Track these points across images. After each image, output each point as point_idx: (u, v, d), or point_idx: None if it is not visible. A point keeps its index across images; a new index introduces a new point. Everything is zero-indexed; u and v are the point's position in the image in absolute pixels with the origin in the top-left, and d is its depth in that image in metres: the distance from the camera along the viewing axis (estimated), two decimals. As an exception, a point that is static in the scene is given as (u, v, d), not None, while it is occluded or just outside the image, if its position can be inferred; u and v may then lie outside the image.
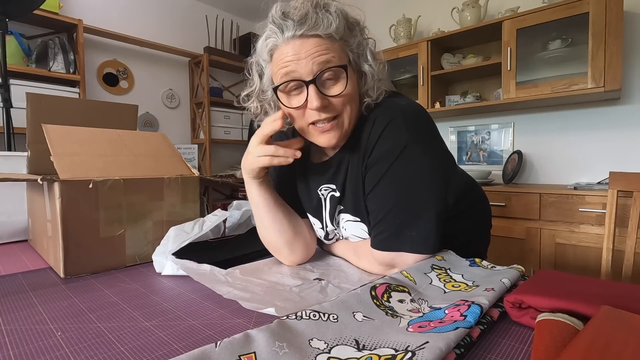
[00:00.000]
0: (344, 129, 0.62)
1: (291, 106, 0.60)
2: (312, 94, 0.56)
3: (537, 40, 2.08)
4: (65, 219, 0.66)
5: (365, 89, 0.63)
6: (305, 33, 0.56)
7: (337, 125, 0.61)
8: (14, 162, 1.06)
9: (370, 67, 0.62)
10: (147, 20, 3.06)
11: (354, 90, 0.61)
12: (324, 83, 0.58)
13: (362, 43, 0.62)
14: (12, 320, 0.48)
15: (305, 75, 0.56)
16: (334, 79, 0.58)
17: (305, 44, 0.56)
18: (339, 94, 0.58)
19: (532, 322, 0.41)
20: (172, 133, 3.22)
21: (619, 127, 2.02)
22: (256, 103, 0.67)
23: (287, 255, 0.70)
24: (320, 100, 0.57)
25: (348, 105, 0.60)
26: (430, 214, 0.59)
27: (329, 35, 0.56)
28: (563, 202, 1.75)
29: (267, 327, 0.35)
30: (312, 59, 0.56)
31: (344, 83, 0.58)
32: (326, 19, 0.56)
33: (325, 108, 0.58)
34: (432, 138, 0.64)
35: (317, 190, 0.71)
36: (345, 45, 0.60)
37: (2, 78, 1.65)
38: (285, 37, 0.57)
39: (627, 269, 1.09)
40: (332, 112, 0.59)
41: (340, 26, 0.57)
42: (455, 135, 2.64)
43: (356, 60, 0.62)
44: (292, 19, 0.56)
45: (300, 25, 0.55)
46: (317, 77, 0.56)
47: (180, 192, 0.83)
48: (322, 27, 0.56)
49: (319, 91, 0.57)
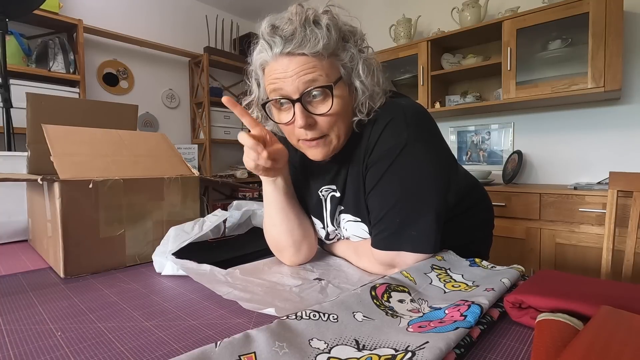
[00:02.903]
0: (332, 146, 0.61)
1: (281, 122, 0.61)
2: (297, 113, 0.56)
3: (537, 40, 2.08)
4: (65, 219, 0.66)
5: (356, 105, 0.62)
6: (292, 51, 0.55)
7: (324, 144, 0.60)
8: (14, 162, 1.06)
9: (361, 83, 0.60)
10: (147, 20, 3.06)
11: (342, 108, 0.59)
12: (310, 101, 0.57)
13: (354, 57, 0.59)
14: (12, 320, 0.48)
15: (292, 93, 0.56)
16: (322, 97, 0.57)
17: (292, 61, 0.55)
18: (325, 113, 0.57)
19: (532, 322, 0.41)
20: (172, 133, 3.22)
21: (619, 127, 2.02)
22: (257, 112, 0.67)
23: (290, 255, 0.70)
24: (304, 119, 0.57)
25: (335, 124, 0.59)
26: (430, 213, 0.59)
27: (316, 53, 0.55)
28: (563, 202, 1.75)
29: (267, 327, 0.35)
30: (297, 77, 0.55)
31: (330, 102, 0.57)
32: (314, 37, 0.54)
33: (310, 127, 0.58)
34: (433, 137, 0.64)
35: (318, 191, 0.71)
36: (337, 60, 0.58)
37: (2, 78, 1.64)
38: (274, 54, 0.56)
39: (627, 269, 1.09)
40: (318, 132, 0.59)
41: (330, 42, 0.56)
42: (455, 135, 2.64)
43: (349, 74, 0.60)
44: (279, 35, 0.55)
45: (287, 42, 0.55)
46: (303, 96, 0.56)
47: (180, 192, 0.83)
48: (308, 46, 0.54)
49: (305, 109, 0.57)
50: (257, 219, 0.90)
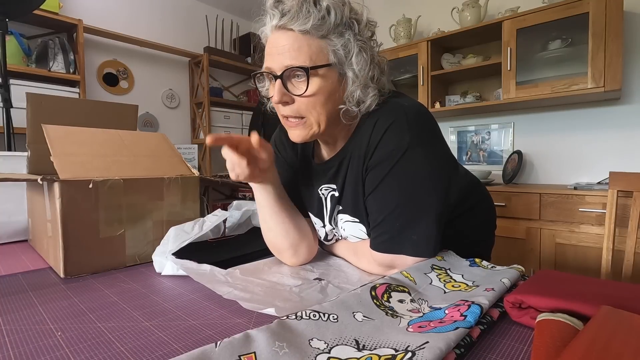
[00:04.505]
0: (312, 131, 0.61)
1: (267, 95, 0.63)
2: (276, 88, 0.58)
3: (537, 40, 2.08)
4: (65, 219, 0.66)
5: (346, 95, 0.60)
6: (283, 25, 0.56)
7: (304, 126, 0.61)
8: (14, 162, 1.06)
9: (353, 72, 0.58)
10: (147, 20, 3.06)
11: (323, 94, 0.58)
12: (291, 80, 0.58)
13: (349, 45, 0.57)
14: (12, 320, 0.48)
15: (276, 69, 0.57)
16: (304, 79, 0.56)
17: (282, 37, 0.56)
18: (301, 94, 0.57)
19: (532, 322, 0.41)
20: (172, 133, 3.22)
21: (619, 127, 2.02)
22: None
23: (289, 257, 0.70)
24: (280, 95, 0.57)
25: (314, 109, 0.58)
26: (430, 217, 0.58)
27: (304, 32, 0.55)
28: (563, 202, 1.75)
29: (267, 327, 0.35)
30: (281, 55, 0.56)
31: (305, 84, 0.56)
32: (306, 14, 0.54)
33: (286, 104, 0.59)
34: (435, 139, 0.63)
35: (318, 190, 0.71)
36: (329, 44, 0.57)
37: (2, 78, 1.64)
38: (271, 26, 0.57)
39: (627, 269, 1.09)
40: (294, 111, 0.59)
41: (323, 24, 0.55)
42: (455, 135, 2.64)
43: (342, 61, 0.58)
44: (279, 9, 0.56)
45: (282, 16, 0.56)
46: (283, 74, 0.56)
47: (180, 192, 0.83)
48: (298, 23, 0.54)
49: (283, 87, 0.57)
50: (257, 219, 0.90)
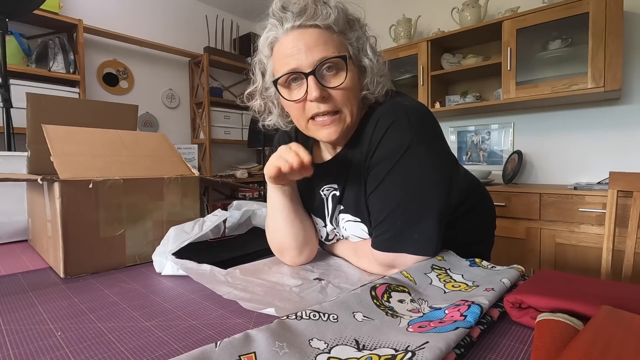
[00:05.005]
0: (346, 124, 0.61)
1: (291, 99, 0.60)
2: (311, 84, 0.57)
3: (537, 40, 2.08)
4: (65, 219, 0.66)
5: (365, 83, 0.63)
6: (304, 23, 0.56)
7: (339, 121, 0.60)
8: (14, 162, 1.06)
9: (370, 60, 0.62)
10: (147, 20, 3.06)
11: (354, 84, 0.60)
12: (323, 75, 0.58)
13: (361, 37, 0.62)
14: (12, 320, 0.48)
15: (305, 67, 0.57)
16: (334, 71, 0.58)
17: (304, 34, 0.56)
18: (338, 86, 0.58)
19: (532, 322, 0.41)
20: (172, 133, 3.22)
21: (619, 127, 2.02)
22: (259, 101, 0.67)
23: (292, 257, 0.70)
24: (319, 90, 0.57)
25: (348, 100, 0.60)
26: (432, 216, 0.58)
27: (328, 26, 0.57)
28: (563, 202, 1.75)
29: (267, 327, 0.35)
30: (311, 50, 0.56)
31: (343, 75, 0.58)
32: (325, 10, 0.56)
33: (324, 99, 0.58)
34: (436, 139, 0.63)
35: (320, 190, 0.71)
36: (345, 39, 0.60)
37: (2, 78, 1.64)
38: (285, 29, 0.57)
39: (627, 269, 1.09)
40: (331, 106, 0.59)
41: (339, 19, 0.57)
42: (455, 135, 2.64)
43: (356, 54, 0.62)
44: (291, 11, 0.56)
45: (299, 16, 0.56)
46: (316, 69, 0.56)
47: (180, 192, 0.83)
48: (320, 18, 0.56)
49: (319, 82, 0.57)
50: (257, 219, 0.90)
